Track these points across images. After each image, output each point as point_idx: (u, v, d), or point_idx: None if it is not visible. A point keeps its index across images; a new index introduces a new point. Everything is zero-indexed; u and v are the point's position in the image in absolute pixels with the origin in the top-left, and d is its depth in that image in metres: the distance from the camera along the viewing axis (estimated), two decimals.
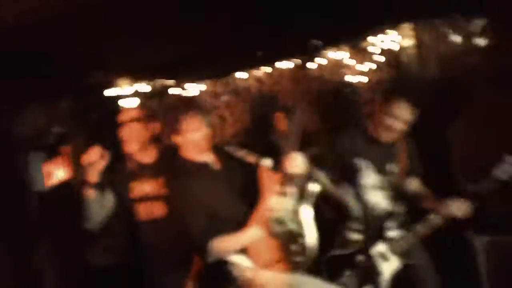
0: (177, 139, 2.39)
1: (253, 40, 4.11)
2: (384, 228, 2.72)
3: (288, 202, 2.33)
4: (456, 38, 3.43)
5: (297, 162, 2.33)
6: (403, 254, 2.66)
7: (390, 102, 2.58)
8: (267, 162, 2.41)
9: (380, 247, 2.68)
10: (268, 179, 2.40)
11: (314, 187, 2.40)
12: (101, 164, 2.51)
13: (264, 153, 2.48)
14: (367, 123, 2.77)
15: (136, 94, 4.23)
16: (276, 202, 2.31)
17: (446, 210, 2.59)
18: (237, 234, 2.31)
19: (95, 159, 2.50)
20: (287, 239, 2.32)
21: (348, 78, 4.80)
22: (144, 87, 4.30)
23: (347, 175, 2.72)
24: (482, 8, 3.29)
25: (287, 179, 2.32)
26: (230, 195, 2.42)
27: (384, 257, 2.67)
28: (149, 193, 2.65)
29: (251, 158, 2.44)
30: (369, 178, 2.74)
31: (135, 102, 4.14)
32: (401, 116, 2.58)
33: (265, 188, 2.39)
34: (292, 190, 2.33)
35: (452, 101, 3.37)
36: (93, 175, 2.51)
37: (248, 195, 2.42)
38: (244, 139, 4.74)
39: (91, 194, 2.51)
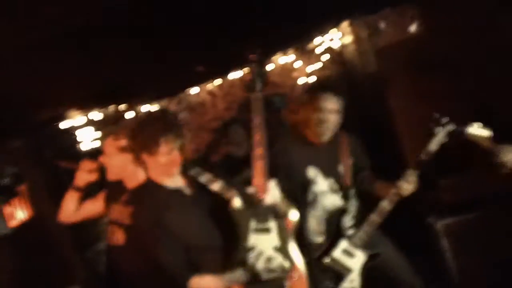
0: (147, 159, 2.24)
1: (200, 54, 4.17)
2: (343, 226, 2.76)
3: (272, 237, 2.22)
4: (391, 30, 3.57)
5: (273, 191, 2.25)
6: (366, 246, 2.69)
7: (315, 97, 2.64)
8: (236, 202, 2.25)
9: (343, 245, 2.71)
10: (242, 216, 2.25)
11: (294, 216, 2.31)
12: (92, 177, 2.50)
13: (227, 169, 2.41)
14: (303, 129, 2.76)
15: (90, 123, 4.22)
16: (259, 241, 2.19)
17: (396, 191, 2.61)
18: (220, 275, 2.17)
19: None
20: (281, 277, 2.21)
21: (300, 80, 4.92)
22: (97, 115, 4.28)
23: (299, 185, 2.72)
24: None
25: (265, 212, 2.20)
26: (207, 224, 2.29)
27: (349, 253, 2.69)
28: (120, 219, 2.51)
29: (216, 186, 2.29)
30: (321, 184, 2.76)
31: (90, 131, 4.14)
32: (328, 108, 2.63)
33: (241, 225, 2.25)
34: (271, 224, 2.22)
35: (389, 90, 3.51)
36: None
37: (224, 223, 2.29)
38: (204, 155, 4.79)
39: None
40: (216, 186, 2.29)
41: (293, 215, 2.32)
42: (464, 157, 3.06)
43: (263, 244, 2.19)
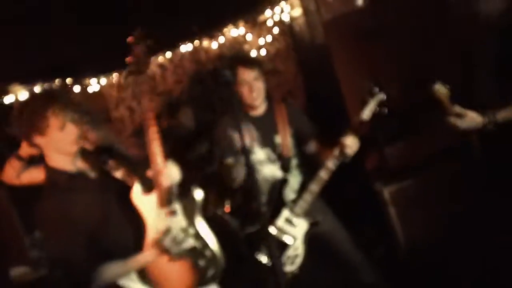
0: (40, 141, 2.05)
1: (149, 26, 4.10)
2: (283, 197, 2.80)
3: (178, 219, 2.19)
4: (337, 3, 3.64)
5: (172, 171, 2.21)
6: (307, 214, 2.74)
7: (235, 72, 2.69)
8: (137, 189, 2.18)
9: (285, 214, 2.76)
10: (145, 202, 2.19)
11: (198, 194, 2.31)
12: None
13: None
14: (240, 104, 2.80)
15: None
16: (165, 223, 2.15)
17: (337, 152, 2.63)
18: (128, 261, 2.09)
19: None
20: (193, 257, 2.19)
21: (251, 53, 4.94)
22: (39, 89, 4.15)
23: (238, 155, 2.77)
24: None
25: (167, 194, 2.16)
26: (115, 208, 2.17)
27: (290, 222, 2.75)
28: None
29: (119, 174, 2.24)
30: (258, 153, 2.82)
31: None
32: (246, 79, 2.72)
33: (146, 211, 2.18)
34: (176, 205, 2.20)
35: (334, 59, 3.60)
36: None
37: (131, 210, 2.19)
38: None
39: None
40: (119, 173, 2.25)
41: (197, 193, 2.33)
42: (409, 124, 3.21)
43: (171, 226, 2.16)
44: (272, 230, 2.73)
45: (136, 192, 2.19)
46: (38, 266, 3.84)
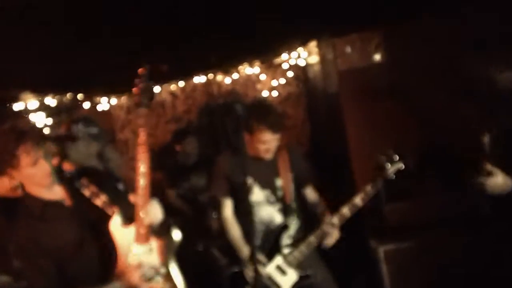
0: (14, 173, 2.04)
1: (166, 53, 4.13)
2: (280, 242, 2.76)
3: (152, 257, 2.15)
4: (355, 56, 3.67)
5: (155, 210, 2.18)
6: (299, 266, 2.70)
7: (258, 130, 2.67)
8: (116, 220, 2.15)
9: (277, 261, 2.72)
10: (122, 233, 2.15)
11: (176, 235, 2.29)
12: None
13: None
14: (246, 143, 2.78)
15: (43, 108, 4.08)
16: (138, 258, 2.12)
17: (346, 210, 2.65)
18: None
19: None
20: None
21: (262, 93, 4.97)
22: (51, 101, 4.15)
23: (237, 194, 2.76)
24: (377, 27, 3.56)
25: (145, 231, 2.13)
26: (86, 238, 2.15)
27: (281, 270, 2.70)
28: None
29: (99, 201, 2.20)
30: (257, 194, 2.79)
31: (41, 116, 4.00)
32: (268, 139, 2.70)
33: (121, 243, 2.15)
34: (152, 243, 2.16)
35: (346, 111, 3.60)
36: None
37: (103, 238, 2.16)
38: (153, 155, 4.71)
39: None
40: (99, 201, 2.20)
41: (176, 235, 2.30)
42: (414, 185, 3.17)
43: (143, 263, 2.13)
44: (261, 274, 2.66)
45: (115, 223, 2.15)
46: (20, 277, 3.74)
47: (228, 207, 2.83)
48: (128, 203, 2.17)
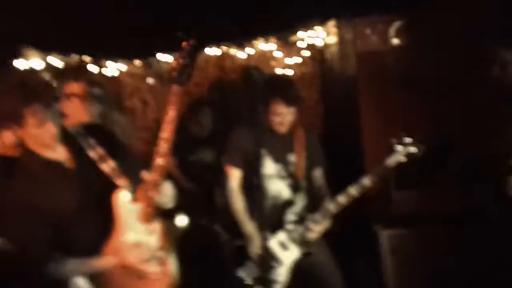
0: (18, 130, 1.96)
1: (179, 23, 4.01)
2: (284, 217, 2.74)
3: (152, 239, 2.06)
4: (375, 38, 3.52)
5: (168, 193, 2.10)
6: (302, 243, 2.69)
7: (273, 102, 2.66)
8: (125, 196, 2.04)
9: (280, 236, 2.70)
10: (126, 209, 2.04)
11: (182, 221, 2.23)
12: None
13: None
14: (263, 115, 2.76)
15: (48, 68, 3.98)
16: (137, 237, 2.03)
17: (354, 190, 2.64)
18: (87, 261, 2.00)
19: None
20: (149, 280, 2.04)
21: (276, 70, 4.83)
22: (56, 61, 4.04)
23: (250, 165, 2.71)
24: (399, 10, 3.41)
25: (151, 211, 2.03)
26: (86, 203, 2.04)
27: (284, 246, 2.68)
28: None
29: (106, 167, 2.07)
30: (269, 167, 2.77)
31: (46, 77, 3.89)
32: (284, 112, 2.68)
33: (122, 219, 2.04)
34: (156, 225, 2.07)
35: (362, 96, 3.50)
36: None
37: (104, 207, 2.04)
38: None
39: None
40: (107, 166, 2.07)
41: (181, 220, 2.21)
42: (426, 175, 3.11)
43: (142, 243, 2.04)
44: (262, 248, 2.60)
45: (122, 197, 2.04)
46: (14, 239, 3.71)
47: (236, 179, 2.79)
48: (137, 176, 2.04)
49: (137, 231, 2.04)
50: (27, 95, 1.89)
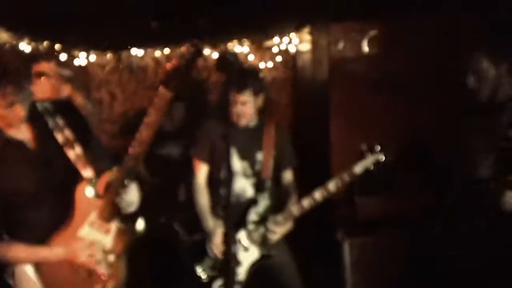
0: None
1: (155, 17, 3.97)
2: (246, 217, 2.70)
3: (106, 239, 2.00)
4: (348, 45, 3.58)
5: (133, 194, 2.03)
6: (262, 244, 2.65)
7: (235, 94, 2.62)
8: (88, 190, 1.98)
9: (240, 236, 2.66)
10: (87, 202, 1.99)
11: (139, 225, 2.19)
12: None
13: None
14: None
15: (15, 53, 3.85)
16: (92, 235, 1.97)
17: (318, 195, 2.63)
18: (36, 248, 1.94)
19: None
20: (95, 281, 1.99)
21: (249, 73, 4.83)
22: (26, 46, 3.92)
23: (218, 160, 2.68)
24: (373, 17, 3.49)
25: (112, 211, 1.98)
26: (43, 186, 1.97)
27: (243, 246, 2.65)
28: None
29: (72, 153, 1.99)
30: (235, 164, 2.70)
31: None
32: (246, 102, 2.64)
33: (81, 212, 1.98)
34: (113, 225, 2.01)
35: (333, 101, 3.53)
36: None
37: (63, 194, 1.98)
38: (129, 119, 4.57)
39: None
40: (73, 152, 1.99)
41: (139, 223, 2.19)
42: (390, 180, 3.13)
43: (95, 242, 1.98)
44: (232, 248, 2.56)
45: (85, 191, 1.99)
46: None
47: (203, 173, 2.73)
48: (103, 167, 2.01)
49: (93, 228, 1.98)
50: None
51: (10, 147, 1.95)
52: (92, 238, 1.97)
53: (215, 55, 4.78)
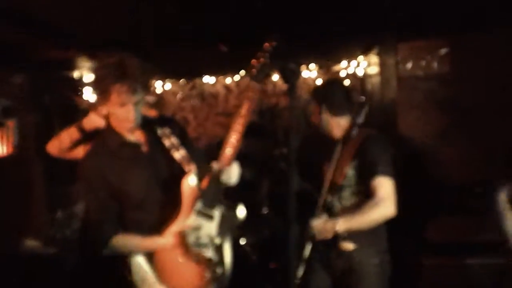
0: (104, 110, 2.15)
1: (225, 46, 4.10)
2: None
3: (212, 225, 2.12)
4: (417, 64, 3.49)
5: (233, 171, 2.14)
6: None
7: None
8: (192, 180, 2.14)
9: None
10: (190, 193, 2.15)
11: (241, 212, 2.22)
12: None
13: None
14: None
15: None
16: (199, 221, 2.11)
17: None
18: (144, 239, 2.11)
19: None
20: (204, 265, 2.11)
21: None
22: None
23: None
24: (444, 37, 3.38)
25: (214, 198, 2.11)
26: (154, 186, 2.16)
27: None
28: None
29: (177, 154, 2.17)
30: None
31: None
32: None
33: (187, 202, 2.14)
34: (217, 212, 2.13)
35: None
36: None
37: (172, 191, 2.14)
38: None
39: None
40: (178, 154, 2.18)
41: (240, 210, 2.20)
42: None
43: (202, 227, 2.12)
44: None
45: (190, 181, 2.15)
46: (50, 244, 3.85)
47: None
48: (203, 165, 2.16)
49: (199, 215, 2.12)
50: (117, 73, 1.99)
51: (127, 148, 2.16)
52: (198, 223, 2.11)
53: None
